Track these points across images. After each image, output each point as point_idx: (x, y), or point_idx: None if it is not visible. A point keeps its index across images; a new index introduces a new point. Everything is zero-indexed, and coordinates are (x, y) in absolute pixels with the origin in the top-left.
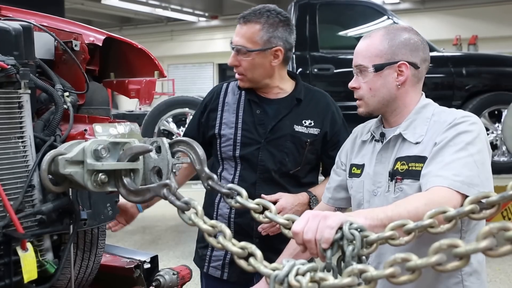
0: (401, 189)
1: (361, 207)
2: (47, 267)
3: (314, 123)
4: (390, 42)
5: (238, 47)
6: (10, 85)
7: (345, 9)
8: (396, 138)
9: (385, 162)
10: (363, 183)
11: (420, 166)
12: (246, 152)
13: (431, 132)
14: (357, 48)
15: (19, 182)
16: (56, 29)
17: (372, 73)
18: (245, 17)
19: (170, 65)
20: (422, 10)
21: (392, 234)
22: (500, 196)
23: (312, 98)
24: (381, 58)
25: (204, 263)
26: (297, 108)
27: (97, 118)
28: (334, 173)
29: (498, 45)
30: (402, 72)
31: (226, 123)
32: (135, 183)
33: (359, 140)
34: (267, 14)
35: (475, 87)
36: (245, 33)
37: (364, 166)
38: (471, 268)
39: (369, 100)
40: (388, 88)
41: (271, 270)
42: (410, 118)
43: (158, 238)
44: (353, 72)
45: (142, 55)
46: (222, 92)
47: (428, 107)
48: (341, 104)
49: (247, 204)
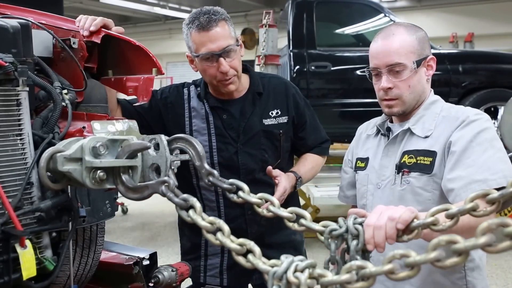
0: (408, 181)
1: (363, 200)
2: (46, 264)
3: (281, 112)
4: (417, 38)
5: (229, 47)
6: (8, 82)
7: (342, 7)
8: (404, 133)
9: (391, 155)
10: (367, 176)
11: (428, 160)
12: (225, 157)
13: (440, 127)
14: (385, 48)
15: (17, 180)
16: (54, 27)
17: (412, 70)
18: (209, 22)
19: (169, 63)
20: (418, 7)
21: (434, 220)
22: (500, 193)
23: (270, 86)
24: (414, 54)
25: (199, 273)
26: (259, 101)
27: (95, 116)
28: (343, 172)
29: (494, 42)
30: (431, 66)
31: (198, 130)
32: (133, 180)
33: (364, 135)
34: (217, 13)
35: (471, 84)
36: (223, 34)
37: (368, 160)
38: (473, 263)
39: (407, 98)
40: (422, 84)
41: (269, 267)
42: (419, 114)
43: (157, 234)
44: (372, 73)
45: (140, 52)
46: (185, 96)
47: (437, 103)
48: (338, 101)
49: (250, 199)
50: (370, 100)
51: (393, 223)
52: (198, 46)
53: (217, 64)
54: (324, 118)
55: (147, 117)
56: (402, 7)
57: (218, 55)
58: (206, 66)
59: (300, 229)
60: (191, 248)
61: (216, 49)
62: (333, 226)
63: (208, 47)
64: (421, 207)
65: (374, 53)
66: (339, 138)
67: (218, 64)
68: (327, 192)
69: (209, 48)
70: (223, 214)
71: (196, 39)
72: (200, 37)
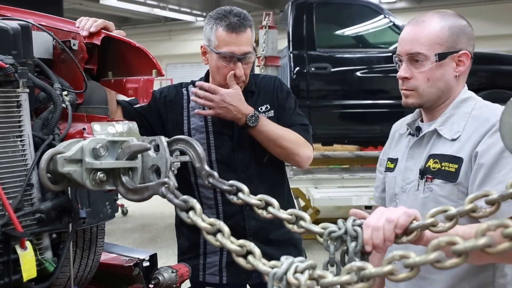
0: (431, 189)
1: (392, 203)
2: (46, 266)
3: (270, 106)
4: (450, 29)
5: (249, 54)
6: (8, 84)
7: (342, 8)
8: (431, 134)
9: (417, 158)
10: (395, 179)
11: (453, 167)
12: (223, 154)
13: (470, 129)
14: (409, 34)
15: (18, 181)
16: (54, 29)
17: (433, 62)
18: (240, 26)
19: (169, 64)
20: (418, 9)
21: (434, 221)
22: (499, 194)
23: (261, 84)
24: (441, 46)
25: (198, 272)
26: (251, 99)
27: (95, 117)
28: (378, 172)
29: (494, 43)
30: (462, 62)
31: (196, 128)
32: (133, 181)
33: (397, 134)
34: (247, 18)
35: (471, 85)
36: (247, 40)
37: (397, 161)
38: (505, 279)
39: (424, 92)
40: (447, 79)
41: (269, 268)
42: (448, 113)
43: (157, 236)
44: (395, 60)
45: (140, 54)
46: (184, 96)
47: (469, 101)
48: (338, 102)
49: (249, 200)
50: (370, 102)
51: (391, 225)
52: (221, 44)
53: (233, 66)
54: (324, 119)
55: (147, 117)
56: (402, 8)
57: (239, 59)
58: (222, 64)
59: (300, 231)
60: (189, 247)
61: (238, 53)
62: (332, 228)
63: (232, 48)
64: None
65: (400, 39)
66: (339, 140)
67: (235, 67)
68: (327, 194)
69: (232, 49)
70: (221, 212)
71: (222, 37)
72: (227, 36)
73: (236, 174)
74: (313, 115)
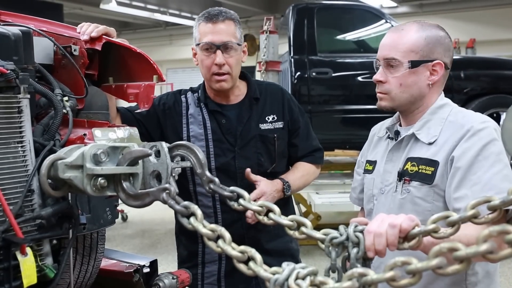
0: (408, 190)
1: (370, 204)
2: (46, 272)
3: (277, 117)
4: (427, 38)
5: (229, 43)
6: (9, 89)
7: (343, 13)
8: (409, 138)
9: (395, 161)
10: (373, 181)
11: (430, 170)
12: (222, 162)
13: (446, 133)
14: (388, 40)
15: (18, 187)
16: (55, 34)
17: (406, 68)
18: (218, 15)
19: (169, 69)
20: (420, 13)
21: (435, 227)
22: (501, 200)
23: (266, 92)
24: (416, 54)
25: (197, 282)
26: (256, 107)
27: (96, 123)
28: (356, 173)
29: (496, 48)
30: (436, 71)
31: (195, 136)
32: (134, 187)
33: (376, 137)
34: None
35: (473, 90)
36: (227, 30)
37: (376, 163)
38: (476, 278)
39: (396, 96)
40: (419, 86)
41: (271, 274)
42: (425, 118)
43: (158, 242)
44: (375, 64)
45: (140, 59)
46: (183, 103)
47: (445, 107)
48: (339, 107)
49: (250, 207)
50: (371, 107)
51: (395, 230)
52: (201, 36)
53: (214, 56)
54: (325, 124)
55: (146, 124)
56: (403, 13)
57: (217, 46)
58: (204, 56)
59: (301, 237)
60: (188, 256)
61: (217, 41)
62: (334, 234)
63: (209, 38)
64: (420, 218)
65: (380, 44)
66: (340, 145)
67: (215, 56)
68: (329, 199)
69: (210, 39)
70: (220, 220)
71: (201, 29)
72: (205, 27)
73: (235, 182)
74: (314, 120)
